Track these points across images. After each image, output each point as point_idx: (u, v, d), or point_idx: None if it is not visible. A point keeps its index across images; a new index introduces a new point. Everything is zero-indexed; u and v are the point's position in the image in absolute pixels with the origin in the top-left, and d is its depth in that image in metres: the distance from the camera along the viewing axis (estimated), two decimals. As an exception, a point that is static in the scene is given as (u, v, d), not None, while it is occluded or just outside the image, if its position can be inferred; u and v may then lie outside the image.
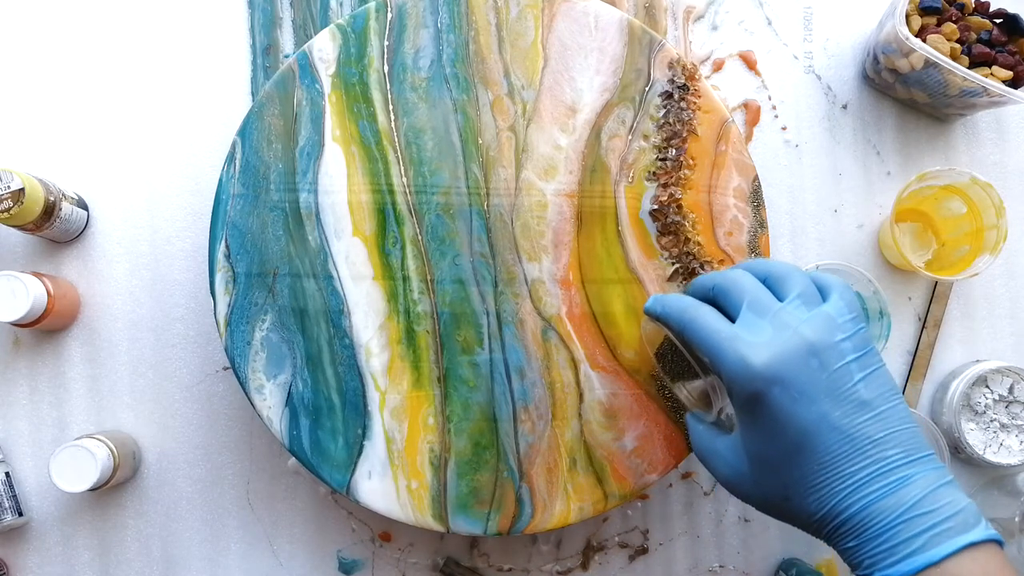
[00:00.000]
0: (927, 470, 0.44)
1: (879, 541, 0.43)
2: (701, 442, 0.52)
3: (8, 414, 0.69)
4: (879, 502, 0.44)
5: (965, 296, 0.72)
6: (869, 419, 0.45)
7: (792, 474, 0.46)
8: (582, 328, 0.61)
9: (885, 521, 0.43)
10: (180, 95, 0.71)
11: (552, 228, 0.61)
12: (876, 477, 0.44)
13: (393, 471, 0.60)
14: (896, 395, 0.46)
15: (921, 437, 0.46)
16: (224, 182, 0.61)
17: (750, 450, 0.48)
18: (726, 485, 0.50)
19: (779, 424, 0.45)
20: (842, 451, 0.44)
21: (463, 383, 0.61)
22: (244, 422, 0.69)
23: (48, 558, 0.68)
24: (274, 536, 0.69)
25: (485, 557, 0.69)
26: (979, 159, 0.73)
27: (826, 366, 0.45)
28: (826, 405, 0.45)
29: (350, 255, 0.60)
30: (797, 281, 0.48)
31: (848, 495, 0.44)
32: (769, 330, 0.46)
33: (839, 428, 0.44)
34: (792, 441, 0.45)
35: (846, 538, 0.45)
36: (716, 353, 0.47)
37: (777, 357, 0.45)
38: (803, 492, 0.46)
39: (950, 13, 0.66)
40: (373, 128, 0.61)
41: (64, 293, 0.66)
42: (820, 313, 0.47)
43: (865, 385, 0.45)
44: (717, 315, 0.49)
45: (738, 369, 0.46)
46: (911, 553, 0.42)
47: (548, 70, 0.62)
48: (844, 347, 0.46)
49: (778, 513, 0.48)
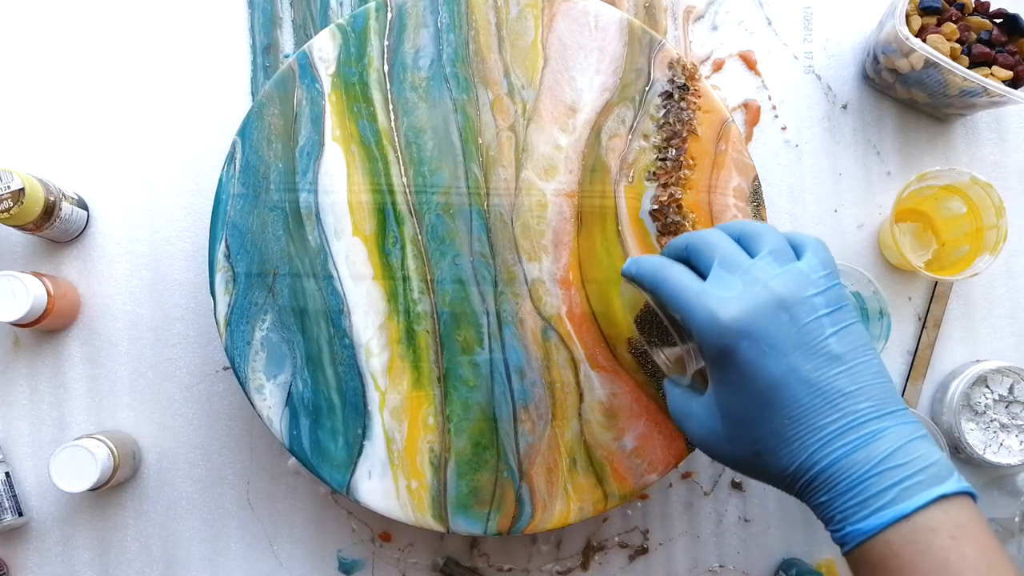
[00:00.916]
0: (899, 424, 0.44)
1: (850, 495, 0.43)
2: (677, 405, 0.52)
3: (8, 414, 0.69)
4: (850, 456, 0.43)
5: (965, 296, 0.72)
6: (840, 372, 0.44)
7: (763, 429, 0.45)
8: (582, 328, 0.61)
9: (856, 475, 0.43)
10: (180, 95, 0.71)
11: (552, 228, 0.61)
12: (847, 431, 0.44)
13: (393, 471, 0.60)
14: (869, 351, 0.46)
15: (894, 392, 0.45)
16: (224, 182, 0.61)
17: (722, 407, 0.47)
18: (701, 445, 0.50)
19: (749, 378, 0.45)
20: (812, 404, 0.44)
21: (463, 383, 0.61)
22: (244, 422, 0.69)
23: (48, 558, 0.68)
24: (274, 536, 0.69)
25: (485, 557, 0.69)
26: (979, 159, 0.73)
27: (796, 320, 0.45)
28: (796, 358, 0.44)
29: (350, 255, 0.60)
30: (769, 238, 0.48)
31: (819, 449, 0.44)
32: (739, 285, 0.46)
33: (809, 381, 0.44)
34: (762, 395, 0.45)
35: (818, 493, 0.45)
36: (686, 309, 0.47)
37: (746, 311, 0.45)
38: (774, 447, 0.45)
39: (950, 13, 0.66)
40: (373, 128, 0.61)
41: (64, 293, 0.66)
42: (792, 269, 0.46)
43: (837, 340, 0.45)
44: (688, 272, 0.48)
45: (707, 324, 0.46)
46: (882, 506, 0.42)
47: (548, 70, 0.62)
48: (816, 302, 0.45)
49: (751, 470, 0.48)
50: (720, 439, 0.48)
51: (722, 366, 0.46)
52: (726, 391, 0.47)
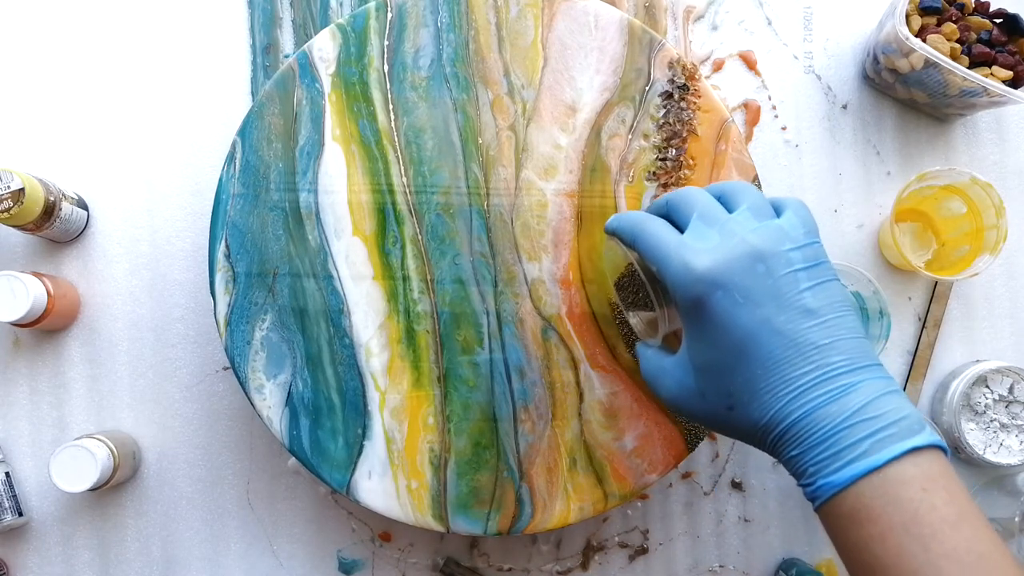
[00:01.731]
0: (872, 378, 0.44)
1: (822, 448, 0.43)
2: (649, 364, 0.52)
3: (8, 414, 0.69)
4: (822, 408, 0.43)
5: (965, 296, 0.72)
6: (814, 326, 0.44)
7: (736, 380, 0.45)
8: (582, 328, 0.61)
9: (828, 428, 0.43)
10: (180, 95, 0.71)
11: (552, 228, 0.61)
12: (819, 383, 0.44)
13: (393, 471, 0.60)
14: (846, 308, 0.46)
15: (869, 348, 0.45)
16: (224, 182, 0.61)
17: (695, 360, 0.47)
18: (673, 403, 0.50)
19: (722, 329, 0.45)
20: (785, 356, 0.44)
21: (463, 383, 0.61)
22: (244, 422, 0.69)
23: (48, 558, 0.68)
24: (274, 536, 0.69)
25: (485, 557, 0.69)
26: (979, 159, 0.73)
27: (772, 272, 0.45)
28: (770, 310, 0.44)
29: (350, 255, 0.60)
30: (749, 195, 0.48)
31: (791, 401, 0.44)
32: (716, 238, 0.46)
33: (782, 332, 0.44)
34: (735, 346, 0.45)
35: (789, 446, 0.44)
36: (662, 260, 0.47)
37: (721, 261, 0.45)
38: (747, 399, 0.45)
39: (950, 13, 0.66)
40: (373, 127, 0.61)
41: (64, 293, 0.66)
42: (771, 224, 0.47)
43: (813, 294, 0.45)
44: (667, 226, 0.49)
45: (681, 273, 0.46)
46: (854, 459, 0.42)
47: (548, 69, 0.62)
48: (792, 256, 0.45)
49: (724, 426, 0.48)
50: (692, 395, 0.48)
51: (696, 317, 0.46)
52: (699, 343, 0.47)
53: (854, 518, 0.42)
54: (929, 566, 0.40)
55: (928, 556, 0.40)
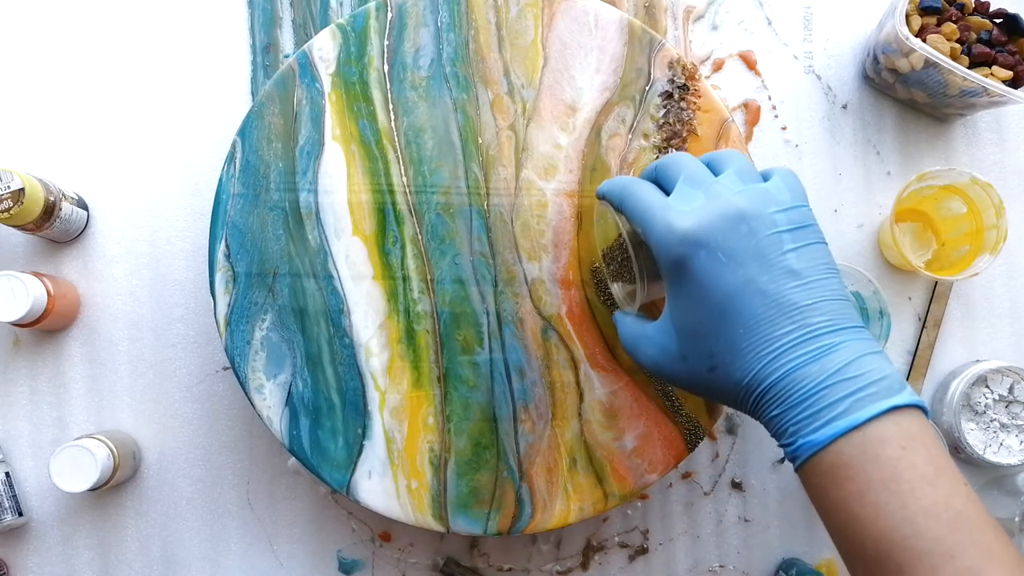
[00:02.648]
0: (854, 339, 0.44)
1: (802, 407, 0.43)
2: (629, 330, 0.52)
3: (8, 414, 0.69)
4: (803, 368, 0.43)
5: (965, 296, 0.72)
6: (796, 286, 0.44)
7: (718, 341, 0.46)
8: (582, 327, 0.61)
9: (809, 387, 0.43)
10: (180, 95, 0.71)
11: (552, 227, 0.61)
12: (800, 343, 0.44)
13: (393, 471, 0.60)
14: (831, 272, 0.46)
15: (852, 311, 0.45)
16: (224, 182, 0.61)
17: (678, 321, 0.48)
18: (654, 367, 0.50)
19: (705, 288, 0.45)
20: (767, 316, 0.44)
21: (463, 383, 0.61)
22: (244, 422, 0.69)
23: (48, 558, 0.68)
24: (274, 536, 0.69)
25: (485, 557, 0.69)
26: (979, 159, 0.73)
27: (755, 232, 0.45)
28: (753, 269, 0.45)
29: (350, 254, 0.60)
30: (736, 160, 0.49)
31: (772, 360, 0.44)
32: (701, 199, 0.47)
33: (765, 292, 0.44)
34: (717, 306, 0.45)
35: (770, 407, 0.45)
36: (647, 222, 0.47)
37: (704, 221, 0.45)
38: (728, 359, 0.45)
39: (950, 13, 0.66)
40: (373, 127, 0.61)
41: (64, 293, 0.66)
42: (757, 187, 0.47)
43: (797, 256, 0.45)
44: (653, 189, 0.49)
45: (664, 233, 0.46)
46: (834, 417, 0.42)
47: (548, 69, 0.62)
48: (777, 218, 0.46)
49: (706, 388, 0.48)
50: (674, 357, 0.48)
51: (679, 277, 0.46)
52: (682, 304, 0.47)
53: (834, 476, 0.43)
54: (907, 522, 0.40)
55: (906, 512, 0.40)
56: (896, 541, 0.40)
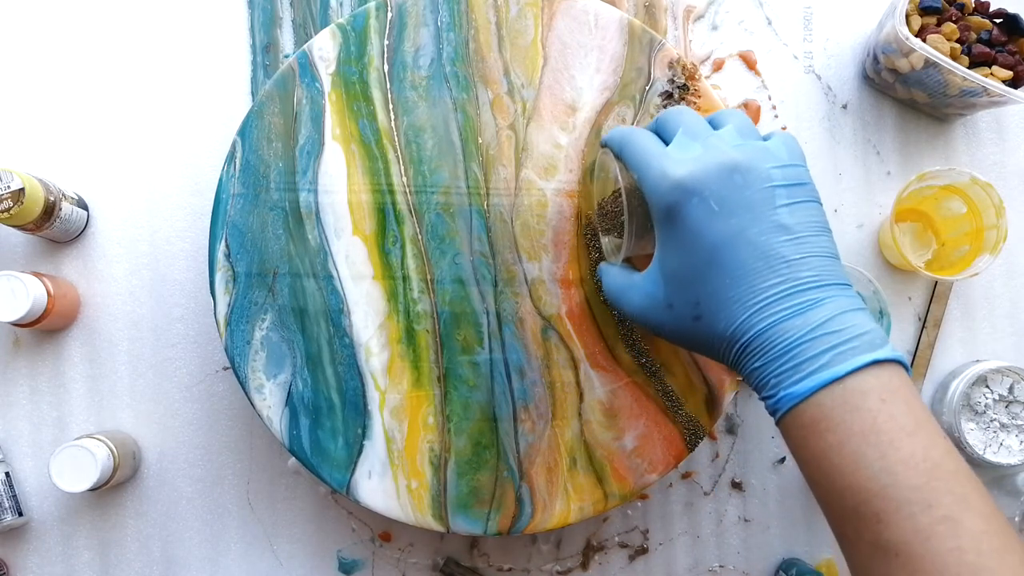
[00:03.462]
0: (839, 296, 0.44)
1: (785, 359, 0.44)
2: (615, 280, 0.53)
3: (8, 414, 0.69)
4: (787, 321, 0.44)
5: (965, 296, 0.72)
6: (786, 240, 0.45)
7: (705, 289, 0.46)
8: (582, 327, 0.61)
9: (792, 339, 0.43)
10: (180, 95, 0.71)
11: (552, 227, 0.61)
12: (786, 296, 0.44)
13: (393, 471, 0.60)
14: (822, 230, 0.46)
15: (839, 269, 0.46)
16: (224, 181, 0.61)
17: (666, 269, 0.48)
18: (639, 315, 0.51)
19: (695, 236, 0.46)
20: (754, 267, 0.45)
21: (463, 382, 0.61)
22: (244, 422, 0.69)
23: (48, 558, 0.68)
24: (274, 536, 0.69)
25: (485, 557, 0.69)
26: (979, 159, 0.73)
27: (750, 184, 0.45)
28: (744, 220, 0.45)
29: (350, 254, 0.60)
30: (737, 117, 0.49)
31: (757, 312, 0.44)
32: (698, 150, 0.47)
33: (754, 244, 0.45)
34: (706, 254, 0.46)
35: (753, 358, 0.45)
36: (643, 168, 0.48)
37: (699, 170, 0.46)
38: (714, 309, 0.46)
39: (950, 13, 0.66)
40: (373, 127, 0.61)
41: (64, 293, 0.66)
42: (755, 143, 0.47)
43: (789, 211, 0.45)
44: (654, 138, 0.50)
45: (659, 180, 0.46)
46: (816, 370, 0.43)
47: (548, 68, 0.62)
48: (773, 173, 0.46)
49: (690, 337, 0.48)
50: (660, 306, 0.49)
51: (671, 224, 0.47)
52: (672, 251, 0.47)
53: (814, 428, 0.43)
54: (885, 472, 0.41)
55: (885, 463, 0.41)
56: (875, 491, 0.41)
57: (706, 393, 0.62)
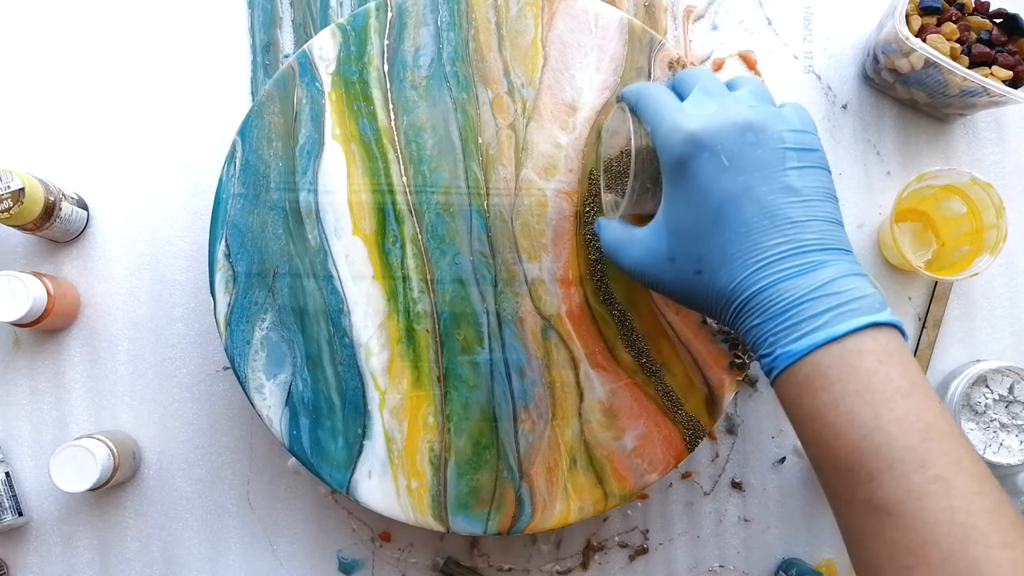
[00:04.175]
0: (841, 260, 0.45)
1: (784, 318, 0.44)
2: (615, 233, 0.53)
3: (8, 414, 0.69)
4: (788, 281, 0.44)
5: (965, 296, 0.72)
6: (793, 202, 0.45)
7: (708, 244, 0.46)
8: (582, 327, 0.61)
9: (791, 299, 0.44)
10: (180, 95, 0.71)
11: (552, 227, 0.61)
12: (788, 256, 0.44)
13: (393, 471, 0.60)
14: (829, 196, 0.46)
15: (843, 235, 0.46)
16: (224, 181, 0.61)
17: (671, 223, 0.48)
18: (638, 268, 0.51)
19: (703, 190, 0.46)
20: (760, 225, 0.45)
21: (463, 382, 0.61)
22: (244, 422, 0.69)
23: (48, 558, 0.68)
24: (274, 536, 0.69)
25: (485, 557, 0.69)
26: (979, 159, 0.73)
27: (761, 143, 0.46)
28: (753, 178, 0.45)
29: (350, 254, 0.60)
30: (754, 82, 0.50)
31: (759, 270, 0.45)
32: (713, 107, 0.47)
33: (761, 202, 0.45)
34: (713, 209, 0.46)
35: (752, 316, 0.45)
36: (656, 120, 0.48)
37: (713, 125, 0.46)
38: (716, 264, 0.46)
39: (950, 13, 0.66)
40: (373, 126, 0.61)
41: (64, 293, 0.66)
42: (770, 107, 0.48)
43: (798, 174, 0.46)
44: (670, 94, 0.50)
45: (671, 132, 0.47)
46: (814, 329, 0.43)
47: (548, 68, 0.62)
48: (785, 135, 0.46)
49: (689, 292, 0.49)
50: (662, 259, 0.49)
51: (680, 176, 0.47)
52: (678, 204, 0.48)
53: (809, 386, 0.43)
54: (879, 431, 0.41)
55: (878, 422, 0.41)
56: (868, 450, 0.41)
57: (706, 393, 0.62)
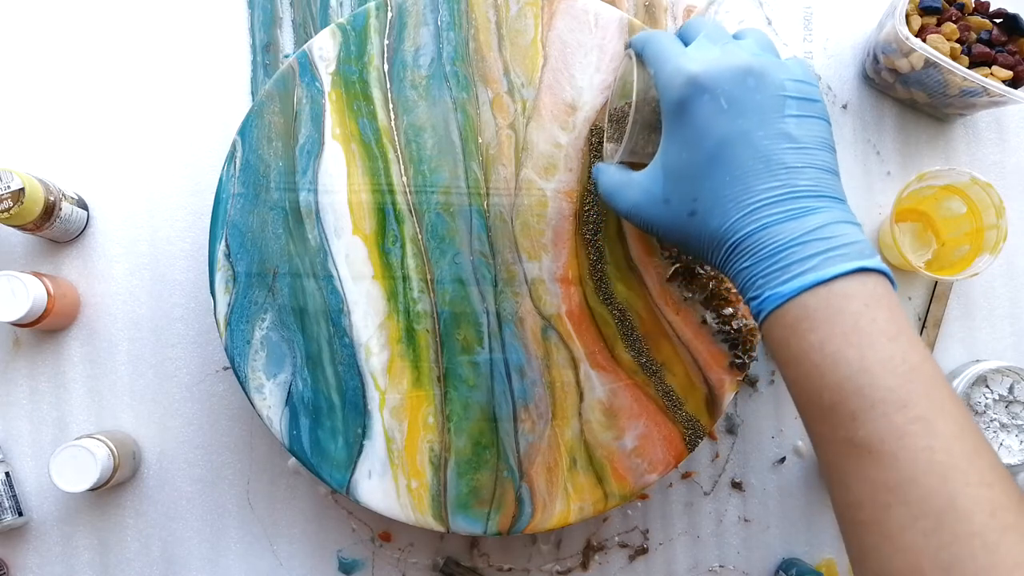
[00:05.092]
0: (834, 207, 0.45)
1: (773, 260, 0.44)
2: (612, 177, 0.54)
3: (8, 414, 0.69)
4: (780, 224, 0.44)
5: (965, 296, 0.72)
6: (790, 148, 0.45)
7: (703, 185, 0.47)
8: (582, 327, 0.61)
9: (782, 242, 0.44)
10: (180, 95, 0.71)
11: (552, 226, 0.61)
12: (781, 200, 0.45)
13: (393, 471, 0.60)
14: (827, 147, 0.47)
15: (838, 185, 0.46)
16: (224, 181, 0.61)
17: (668, 165, 0.49)
18: (633, 209, 0.51)
19: (701, 132, 0.47)
20: (754, 168, 0.45)
21: (463, 382, 0.61)
22: (244, 422, 0.69)
23: (48, 558, 0.68)
24: (274, 536, 0.69)
25: (485, 557, 0.69)
26: (979, 159, 0.73)
27: (762, 89, 0.46)
28: (751, 122, 0.46)
29: (350, 254, 0.60)
30: (759, 34, 0.50)
31: (751, 212, 0.45)
32: (716, 52, 0.48)
33: (757, 147, 0.45)
34: (710, 151, 0.46)
35: (742, 258, 0.46)
36: (660, 62, 0.49)
37: (714, 68, 0.47)
38: (709, 205, 0.47)
39: (950, 13, 0.66)
40: (373, 126, 0.61)
41: (64, 293, 0.66)
42: (773, 57, 0.48)
43: (797, 123, 0.46)
44: (676, 40, 0.51)
45: (672, 75, 0.47)
46: (803, 272, 0.43)
47: (548, 68, 0.62)
48: (787, 84, 0.46)
49: (682, 234, 0.49)
50: (656, 201, 0.50)
51: (679, 118, 0.48)
52: (676, 146, 0.48)
53: (796, 328, 0.44)
54: (864, 372, 0.41)
55: (863, 363, 0.41)
56: (851, 390, 0.41)
57: (706, 393, 0.62)
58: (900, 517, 0.39)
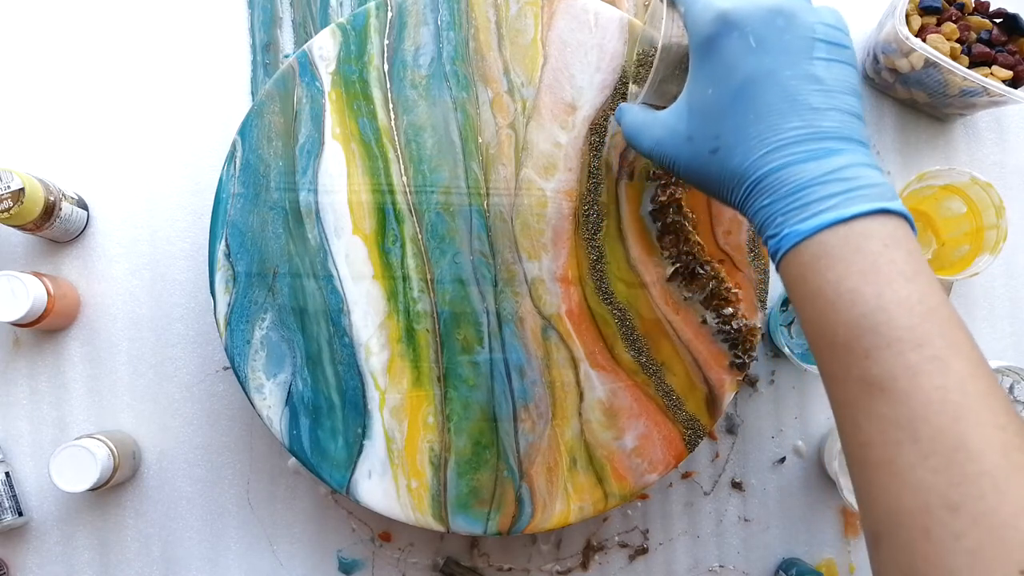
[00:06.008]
0: (857, 150, 0.45)
1: (794, 198, 0.44)
2: (636, 116, 0.54)
3: (8, 414, 0.69)
4: (801, 164, 0.44)
5: (965, 296, 0.72)
6: (816, 90, 0.45)
7: (727, 122, 0.46)
8: (582, 327, 0.61)
9: (803, 181, 0.44)
10: (180, 95, 0.71)
11: (552, 226, 0.61)
12: (805, 140, 0.44)
13: (393, 470, 0.60)
14: (854, 92, 0.46)
15: (862, 129, 0.46)
16: (224, 181, 0.61)
17: (693, 102, 0.48)
18: (656, 146, 0.51)
19: (728, 69, 0.46)
20: (779, 108, 0.45)
21: (463, 382, 0.61)
22: (244, 422, 0.69)
23: (48, 558, 0.68)
24: (274, 536, 0.69)
25: (485, 557, 0.69)
26: (979, 159, 0.73)
27: (791, 29, 0.46)
28: (779, 62, 0.45)
29: (350, 253, 0.60)
30: None
31: (774, 150, 0.45)
32: None
33: (783, 86, 0.45)
34: (736, 88, 0.46)
35: (762, 196, 0.45)
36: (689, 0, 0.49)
37: (744, 6, 0.46)
38: (732, 143, 0.46)
39: (950, 13, 0.66)
40: (373, 126, 0.61)
41: (64, 293, 0.66)
42: (805, 3, 0.47)
43: (825, 66, 0.46)
44: None
45: (703, 11, 0.47)
46: (823, 210, 0.43)
47: (548, 67, 0.62)
48: (817, 27, 0.46)
49: (703, 171, 0.49)
50: (680, 138, 0.49)
51: (707, 55, 0.47)
52: (702, 83, 0.48)
53: (814, 265, 0.43)
54: (880, 310, 0.41)
55: (880, 301, 0.41)
56: (867, 327, 0.41)
57: (706, 393, 0.62)
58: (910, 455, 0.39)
